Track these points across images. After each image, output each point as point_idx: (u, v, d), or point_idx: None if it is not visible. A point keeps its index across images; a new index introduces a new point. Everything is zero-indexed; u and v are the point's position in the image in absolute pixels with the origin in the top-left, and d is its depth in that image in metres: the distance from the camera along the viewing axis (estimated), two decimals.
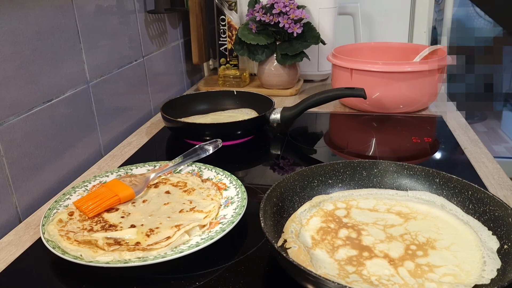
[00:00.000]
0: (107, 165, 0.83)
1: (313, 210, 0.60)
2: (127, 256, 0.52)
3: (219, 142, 0.81)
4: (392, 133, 0.97)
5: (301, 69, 1.28)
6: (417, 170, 0.64)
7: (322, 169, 0.65)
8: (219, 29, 1.26)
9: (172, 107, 0.95)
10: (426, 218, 0.58)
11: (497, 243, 0.52)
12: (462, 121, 1.00)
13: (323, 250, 0.52)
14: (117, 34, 0.95)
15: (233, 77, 1.25)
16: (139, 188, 0.66)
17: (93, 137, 0.88)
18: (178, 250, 0.53)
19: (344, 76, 1.04)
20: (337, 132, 1.03)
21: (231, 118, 0.95)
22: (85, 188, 0.68)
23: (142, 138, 0.95)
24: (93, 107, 0.87)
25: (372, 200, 0.63)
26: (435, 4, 1.80)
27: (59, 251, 0.53)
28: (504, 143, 2.86)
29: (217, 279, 0.52)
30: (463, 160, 0.81)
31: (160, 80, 1.16)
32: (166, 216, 0.60)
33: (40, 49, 0.72)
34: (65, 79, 0.78)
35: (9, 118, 0.66)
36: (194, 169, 0.74)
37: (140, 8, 1.03)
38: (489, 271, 0.48)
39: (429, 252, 0.51)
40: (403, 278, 0.47)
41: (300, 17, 1.14)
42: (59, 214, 0.60)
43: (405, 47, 1.19)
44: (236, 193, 0.65)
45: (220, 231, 0.56)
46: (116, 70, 0.95)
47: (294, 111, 0.90)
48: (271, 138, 0.95)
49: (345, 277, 0.48)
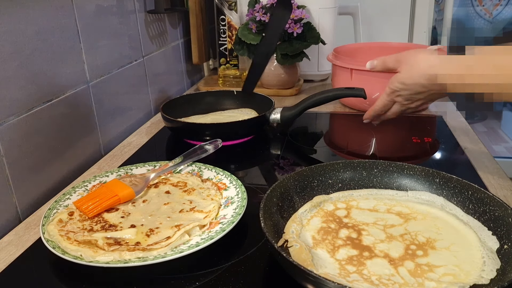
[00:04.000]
0: (107, 165, 0.83)
1: (313, 211, 0.60)
2: (127, 256, 0.52)
3: (219, 142, 0.81)
4: (392, 133, 0.97)
5: (301, 69, 1.28)
6: (417, 170, 0.64)
7: (322, 169, 0.65)
8: (219, 29, 1.26)
9: (172, 107, 0.95)
10: (426, 218, 0.58)
11: (497, 243, 0.52)
12: (462, 121, 1.00)
13: (324, 250, 0.52)
14: (117, 34, 0.95)
15: (233, 77, 1.25)
16: (139, 188, 0.66)
17: (93, 137, 0.88)
18: (178, 250, 0.53)
19: (344, 76, 1.04)
20: (337, 132, 1.03)
21: (231, 118, 0.95)
22: (85, 188, 0.68)
23: (142, 138, 0.95)
24: (93, 107, 0.87)
25: (372, 200, 0.63)
26: (435, 4, 1.80)
27: (59, 251, 0.53)
28: (504, 143, 2.87)
29: (217, 279, 0.52)
30: (463, 160, 0.81)
31: (160, 80, 1.16)
32: (166, 216, 0.60)
33: (40, 49, 0.72)
34: (65, 79, 0.78)
35: (9, 118, 0.66)
36: (194, 169, 0.74)
37: (140, 8, 1.03)
38: (489, 271, 0.48)
39: (429, 252, 0.52)
40: (403, 277, 0.48)
41: (300, 17, 1.14)
42: (59, 214, 0.60)
43: (405, 47, 1.18)
44: (236, 193, 0.65)
45: (220, 231, 0.56)
46: (116, 70, 0.95)
47: (294, 111, 0.90)
48: (271, 138, 0.95)
49: (346, 276, 0.48)
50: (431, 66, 0.69)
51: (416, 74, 0.71)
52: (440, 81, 0.68)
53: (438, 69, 0.68)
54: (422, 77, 0.71)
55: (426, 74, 0.70)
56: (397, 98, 0.78)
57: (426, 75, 0.70)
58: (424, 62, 0.71)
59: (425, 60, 0.71)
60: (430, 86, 0.71)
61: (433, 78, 0.69)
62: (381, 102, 0.81)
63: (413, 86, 0.73)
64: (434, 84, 0.70)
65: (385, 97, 0.79)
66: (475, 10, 2.85)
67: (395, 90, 0.76)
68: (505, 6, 2.82)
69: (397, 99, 0.78)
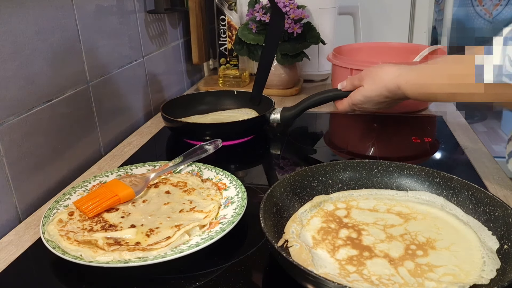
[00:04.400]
0: (107, 165, 0.83)
1: (313, 211, 0.60)
2: (127, 256, 0.52)
3: (219, 142, 0.81)
4: (392, 133, 0.97)
5: (301, 69, 1.28)
6: (417, 170, 0.64)
7: (322, 169, 0.65)
8: (219, 29, 1.26)
9: (172, 107, 0.95)
10: (426, 218, 0.58)
11: (497, 243, 0.52)
12: (462, 121, 1.00)
13: (324, 250, 0.52)
14: (117, 34, 0.95)
15: (233, 77, 1.25)
16: (139, 188, 0.66)
17: (93, 137, 0.88)
18: (178, 250, 0.53)
19: (344, 76, 1.04)
20: (337, 132, 1.03)
21: (231, 118, 0.95)
22: (85, 188, 0.68)
23: (142, 138, 0.95)
24: (93, 107, 0.87)
25: (372, 200, 0.63)
26: (435, 4, 1.80)
27: (59, 251, 0.53)
28: (504, 143, 2.86)
29: (217, 279, 0.52)
30: (463, 160, 0.81)
31: (160, 80, 1.16)
32: (166, 216, 0.60)
33: (40, 49, 0.72)
34: (65, 79, 0.78)
35: (9, 118, 0.66)
36: (194, 169, 0.74)
37: (140, 8, 1.03)
38: (489, 271, 0.48)
39: (429, 252, 0.52)
40: (403, 277, 0.48)
41: (300, 17, 1.14)
42: (59, 214, 0.60)
43: (405, 47, 1.19)
44: (236, 193, 0.65)
45: (220, 231, 0.56)
46: (116, 70, 0.95)
47: (294, 111, 0.90)
48: (271, 138, 0.95)
49: (346, 276, 0.48)
50: (393, 77, 0.73)
51: (378, 87, 0.76)
52: (402, 91, 0.72)
53: (399, 80, 0.72)
54: (383, 89, 0.75)
55: (387, 86, 0.74)
56: (358, 110, 0.83)
57: (388, 86, 0.74)
58: (386, 75, 0.75)
59: (386, 73, 0.75)
60: (392, 96, 0.75)
61: (395, 89, 0.73)
62: (343, 109, 0.85)
63: (375, 98, 0.77)
64: (396, 94, 0.74)
65: (347, 106, 0.84)
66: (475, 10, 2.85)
67: (356, 103, 0.81)
68: (505, 6, 2.82)
69: (358, 110, 0.84)
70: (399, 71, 0.73)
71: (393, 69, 0.74)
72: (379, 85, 0.75)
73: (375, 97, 0.77)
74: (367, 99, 0.78)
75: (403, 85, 0.71)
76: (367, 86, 0.77)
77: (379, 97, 0.76)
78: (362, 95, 0.78)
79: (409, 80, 0.71)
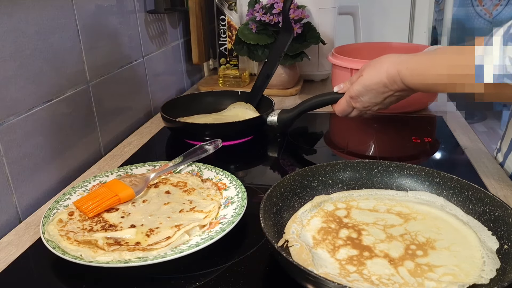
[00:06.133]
0: (107, 165, 0.83)
1: (313, 211, 0.60)
2: (127, 256, 0.52)
3: (219, 142, 0.81)
4: (392, 133, 0.97)
5: (301, 69, 1.28)
6: (417, 170, 0.64)
7: (322, 169, 0.65)
8: (219, 29, 1.26)
9: (172, 107, 0.95)
10: (426, 218, 0.58)
11: (497, 243, 0.52)
12: (462, 121, 1.00)
13: (324, 250, 0.52)
14: (117, 34, 0.95)
15: (233, 77, 1.25)
16: (139, 188, 0.66)
17: (93, 137, 0.88)
18: (178, 250, 0.53)
19: (344, 76, 1.04)
20: (337, 132, 1.03)
21: (232, 118, 0.95)
22: (85, 188, 0.68)
23: (142, 138, 0.95)
24: (93, 107, 0.87)
25: (372, 200, 0.63)
26: (435, 4, 1.80)
27: (59, 251, 0.53)
28: None
29: (217, 279, 0.52)
30: (463, 160, 0.81)
31: (160, 80, 1.16)
32: (166, 216, 0.60)
33: (40, 49, 0.72)
34: (65, 79, 0.78)
35: (9, 118, 0.66)
36: (194, 169, 0.74)
37: (140, 8, 1.04)
38: (489, 271, 0.48)
39: (429, 252, 0.52)
40: (403, 277, 0.48)
41: (300, 17, 1.14)
42: (59, 214, 0.60)
43: (405, 47, 1.19)
44: (236, 193, 0.65)
45: (220, 231, 0.56)
46: (116, 70, 0.95)
47: (292, 114, 0.88)
48: (271, 138, 0.95)
49: (346, 276, 0.48)
50: (394, 63, 0.71)
51: (378, 72, 0.72)
52: (401, 77, 0.69)
53: (400, 66, 0.70)
54: (384, 74, 0.71)
55: (388, 70, 0.71)
56: (356, 105, 0.79)
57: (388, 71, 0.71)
58: (387, 60, 0.72)
59: (387, 58, 0.72)
60: (391, 85, 0.72)
61: (395, 74, 0.70)
62: (341, 108, 0.82)
63: (374, 86, 0.74)
64: (395, 82, 0.71)
65: (344, 103, 0.80)
66: (475, 10, 2.85)
67: (354, 96, 0.77)
68: (505, 6, 2.82)
69: (356, 105, 0.79)
70: (400, 58, 0.71)
71: (395, 56, 0.72)
72: (379, 70, 0.72)
73: (374, 86, 0.73)
74: (366, 88, 0.75)
75: (403, 71, 0.69)
76: (366, 74, 0.75)
77: (378, 85, 0.73)
78: (360, 84, 0.75)
79: (410, 66, 0.69)
